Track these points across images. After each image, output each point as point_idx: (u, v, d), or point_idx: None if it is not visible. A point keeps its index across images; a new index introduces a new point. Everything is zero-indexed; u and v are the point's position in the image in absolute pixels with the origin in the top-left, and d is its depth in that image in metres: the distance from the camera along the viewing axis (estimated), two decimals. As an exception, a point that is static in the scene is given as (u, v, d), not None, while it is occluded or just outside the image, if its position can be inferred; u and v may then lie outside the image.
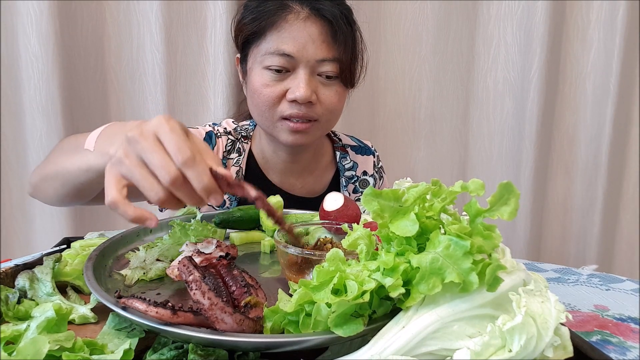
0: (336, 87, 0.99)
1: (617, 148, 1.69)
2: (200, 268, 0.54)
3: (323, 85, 0.97)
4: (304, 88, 0.93)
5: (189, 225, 0.79)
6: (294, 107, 0.95)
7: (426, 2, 1.62)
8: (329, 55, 0.95)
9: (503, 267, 0.45)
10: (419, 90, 1.69)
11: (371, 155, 1.22)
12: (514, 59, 1.64)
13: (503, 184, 0.46)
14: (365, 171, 1.20)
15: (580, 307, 0.78)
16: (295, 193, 1.13)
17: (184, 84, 1.54)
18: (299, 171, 1.13)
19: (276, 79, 0.96)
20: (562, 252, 1.80)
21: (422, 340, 0.44)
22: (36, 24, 1.36)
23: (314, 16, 0.95)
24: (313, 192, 1.15)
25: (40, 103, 1.40)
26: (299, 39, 0.93)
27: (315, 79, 0.97)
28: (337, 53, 0.96)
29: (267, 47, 0.95)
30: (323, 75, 0.96)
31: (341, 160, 1.18)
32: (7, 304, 0.57)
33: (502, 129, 1.69)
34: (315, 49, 0.94)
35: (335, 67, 0.96)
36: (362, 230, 0.53)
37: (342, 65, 0.97)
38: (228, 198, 1.09)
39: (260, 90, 0.96)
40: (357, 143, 1.23)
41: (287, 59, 0.94)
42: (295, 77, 0.95)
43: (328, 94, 0.98)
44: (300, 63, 0.94)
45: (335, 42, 0.95)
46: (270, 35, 0.95)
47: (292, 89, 0.95)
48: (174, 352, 0.49)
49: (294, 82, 0.95)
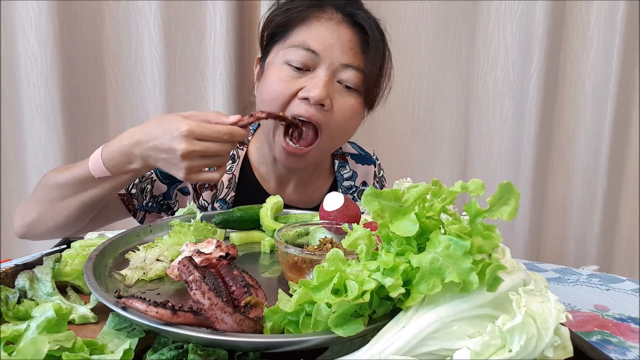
0: (354, 100, 0.93)
1: (617, 148, 1.69)
2: (200, 268, 0.54)
3: (341, 94, 0.92)
4: (320, 88, 0.88)
5: (189, 225, 0.79)
6: (303, 105, 0.90)
7: (426, 2, 1.62)
8: (355, 63, 0.91)
9: (503, 267, 0.45)
10: (419, 90, 1.69)
11: (372, 164, 1.18)
12: (514, 59, 1.64)
13: (503, 184, 0.46)
14: (365, 182, 1.16)
15: (580, 307, 0.78)
16: (292, 203, 1.09)
17: (183, 84, 1.54)
18: (296, 181, 1.10)
19: (294, 76, 0.91)
20: (561, 252, 1.80)
21: (422, 340, 0.44)
22: (35, 24, 1.36)
23: (347, 22, 0.92)
24: (310, 202, 1.11)
25: (39, 103, 1.40)
26: (327, 38, 0.90)
27: (334, 84, 0.92)
28: (364, 63, 0.91)
29: (293, 40, 0.92)
30: (343, 84, 0.92)
31: (340, 170, 1.14)
32: (7, 304, 0.57)
33: (502, 128, 1.69)
34: (342, 52, 0.90)
35: (358, 78, 0.91)
36: (362, 230, 0.53)
37: (367, 77, 0.92)
38: (220, 206, 1.07)
39: (274, 85, 0.91)
40: (358, 151, 1.18)
41: (310, 55, 0.90)
42: (314, 76, 0.90)
43: (343, 104, 0.92)
44: (323, 63, 0.90)
45: (364, 52, 0.91)
46: (299, 29, 0.92)
47: (307, 87, 0.89)
48: (174, 352, 0.49)
49: (312, 81, 0.90)
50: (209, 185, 1.06)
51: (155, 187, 1.05)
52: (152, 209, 1.06)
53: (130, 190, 1.03)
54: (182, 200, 1.08)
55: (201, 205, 1.07)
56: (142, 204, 1.05)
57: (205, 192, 1.07)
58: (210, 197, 1.07)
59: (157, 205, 1.06)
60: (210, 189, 1.07)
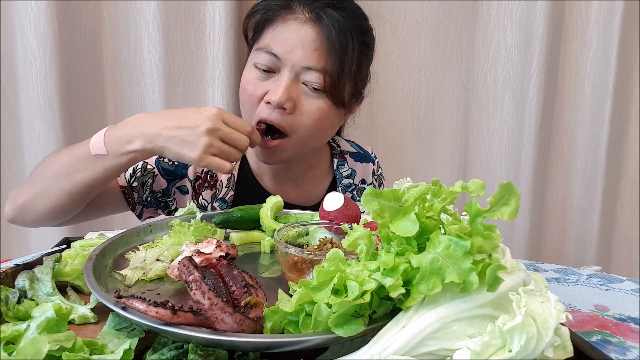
0: (322, 102, 0.93)
1: (616, 148, 1.70)
2: (200, 268, 0.54)
3: (307, 96, 0.92)
4: (280, 92, 0.89)
5: (189, 225, 0.79)
6: (267, 109, 0.92)
7: (426, 2, 1.62)
8: (318, 65, 0.90)
9: (503, 267, 0.45)
10: (419, 90, 1.69)
11: (370, 162, 1.18)
12: (514, 59, 1.64)
13: (504, 184, 0.46)
14: (364, 179, 1.17)
15: (580, 307, 0.78)
16: (290, 201, 1.06)
17: (182, 84, 1.54)
18: (293, 179, 1.10)
19: (261, 79, 0.93)
20: (561, 252, 1.80)
21: (422, 340, 0.44)
22: (34, 24, 1.36)
23: (314, 22, 0.91)
24: (308, 200, 1.11)
25: (38, 103, 1.40)
26: (289, 41, 0.90)
27: (299, 86, 0.92)
28: (327, 64, 0.90)
29: (260, 43, 0.94)
30: (309, 86, 0.92)
31: (339, 168, 1.14)
32: (7, 304, 0.57)
33: (502, 128, 1.69)
34: (303, 55, 0.90)
35: (321, 79, 0.91)
36: (362, 230, 0.53)
37: (331, 78, 0.91)
38: (219, 206, 1.07)
39: (244, 87, 0.95)
40: (357, 149, 1.19)
41: (273, 59, 0.91)
42: (277, 79, 0.92)
43: (309, 106, 0.92)
44: (285, 66, 0.91)
45: (328, 52, 0.90)
46: (266, 32, 0.94)
47: (271, 90, 0.91)
48: (174, 352, 0.49)
49: (275, 84, 0.91)
50: (209, 184, 1.07)
51: (155, 182, 1.04)
52: (150, 205, 1.06)
53: (131, 182, 1.03)
54: (180, 200, 1.08)
55: (200, 205, 1.07)
56: (141, 197, 1.04)
57: (205, 192, 1.07)
58: (210, 196, 1.07)
59: (155, 201, 1.06)
60: (209, 188, 1.07)
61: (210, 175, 1.07)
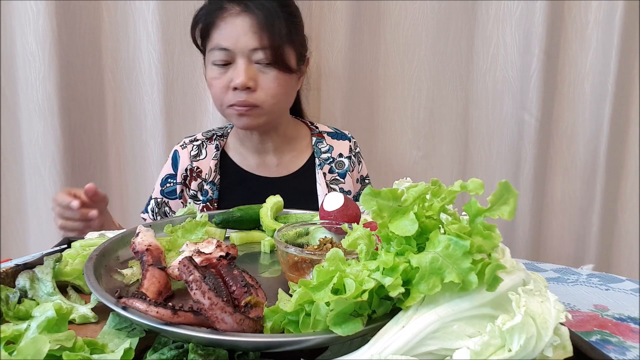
0: (274, 73, 1.09)
1: (615, 148, 1.69)
2: (200, 268, 0.54)
3: (262, 72, 1.08)
4: (242, 75, 1.06)
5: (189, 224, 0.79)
6: (236, 94, 1.08)
7: (426, 2, 1.62)
8: (260, 44, 1.06)
9: (503, 266, 0.45)
10: (419, 90, 1.68)
11: (347, 140, 1.30)
12: (513, 59, 1.63)
13: (502, 182, 0.46)
14: (341, 153, 1.27)
15: (580, 307, 0.78)
16: (272, 174, 1.22)
17: (181, 84, 1.54)
18: (272, 149, 1.24)
19: (221, 72, 1.09)
20: (561, 252, 1.80)
21: (422, 340, 0.44)
22: (33, 23, 1.36)
23: (246, 11, 1.07)
24: (289, 170, 1.24)
25: (37, 102, 1.40)
26: (233, 33, 1.07)
27: (253, 67, 1.08)
28: (267, 41, 1.06)
29: (210, 44, 1.10)
30: (261, 63, 1.07)
31: (317, 144, 1.28)
32: (8, 303, 0.57)
33: (502, 128, 1.69)
34: (247, 40, 1.06)
35: (268, 55, 1.06)
36: (362, 230, 0.53)
37: (274, 51, 1.06)
38: (210, 188, 1.20)
39: (211, 84, 1.12)
40: (334, 130, 1.32)
41: (226, 53, 1.07)
42: (235, 67, 1.07)
43: (267, 80, 1.09)
44: (237, 54, 1.07)
45: (264, 32, 1.06)
46: (212, 34, 1.10)
47: (233, 77, 1.07)
48: (174, 352, 0.49)
49: (235, 72, 1.07)
50: (194, 176, 1.22)
51: (171, 206, 1.23)
52: None
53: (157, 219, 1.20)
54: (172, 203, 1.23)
55: (192, 195, 1.21)
56: None
57: (192, 183, 1.21)
58: (197, 185, 1.21)
59: None
60: (194, 179, 1.21)
61: (192, 169, 1.21)
